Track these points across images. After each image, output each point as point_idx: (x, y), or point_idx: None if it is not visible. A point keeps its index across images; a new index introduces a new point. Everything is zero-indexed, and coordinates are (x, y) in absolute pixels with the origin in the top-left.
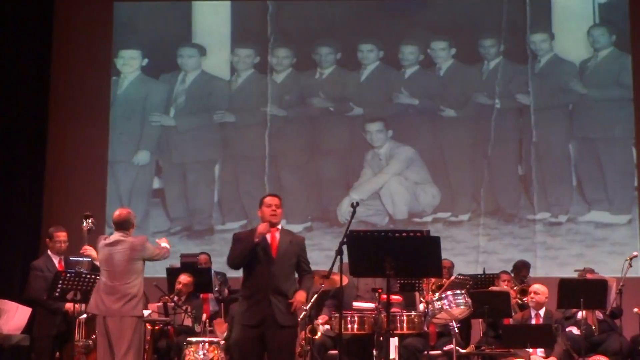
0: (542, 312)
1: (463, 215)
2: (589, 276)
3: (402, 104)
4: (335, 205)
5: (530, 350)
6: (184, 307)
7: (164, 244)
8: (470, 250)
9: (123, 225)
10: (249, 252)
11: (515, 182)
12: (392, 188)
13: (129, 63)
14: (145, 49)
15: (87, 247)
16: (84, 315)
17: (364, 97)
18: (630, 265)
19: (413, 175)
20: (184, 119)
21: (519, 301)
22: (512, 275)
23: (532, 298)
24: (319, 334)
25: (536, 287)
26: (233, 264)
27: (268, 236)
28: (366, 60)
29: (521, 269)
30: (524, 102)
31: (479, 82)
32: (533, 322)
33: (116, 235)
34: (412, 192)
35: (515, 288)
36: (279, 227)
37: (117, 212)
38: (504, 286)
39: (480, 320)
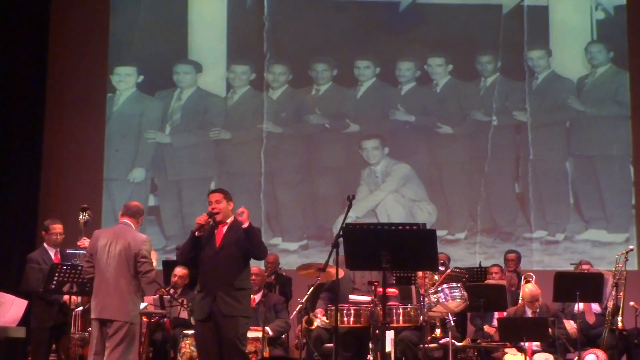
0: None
1: (459, 233)
2: (584, 267)
3: (399, 120)
4: (332, 223)
5: (527, 344)
6: (179, 300)
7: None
8: None
9: (131, 210)
10: (191, 244)
11: (511, 200)
12: (389, 205)
13: (125, 80)
14: (141, 66)
15: (84, 239)
16: (80, 308)
17: (360, 114)
18: (627, 259)
19: (409, 193)
20: (180, 135)
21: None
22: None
23: (536, 306)
24: (315, 323)
25: (532, 292)
26: (179, 257)
27: (216, 230)
28: (362, 76)
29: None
30: (521, 119)
31: (476, 98)
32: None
33: (119, 226)
34: (409, 210)
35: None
36: (228, 221)
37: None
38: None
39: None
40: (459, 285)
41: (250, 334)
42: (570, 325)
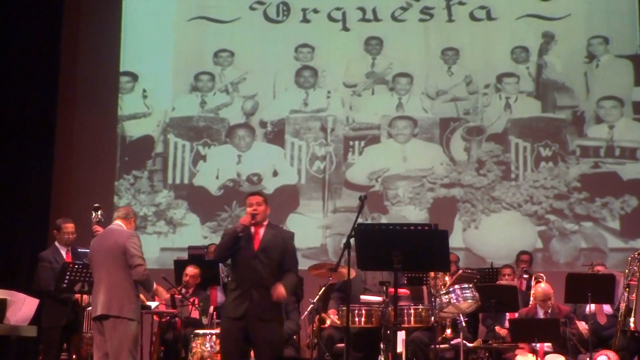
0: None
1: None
2: (598, 269)
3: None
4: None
5: (538, 345)
6: (191, 299)
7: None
8: None
9: (121, 212)
10: (232, 243)
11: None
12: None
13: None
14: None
15: (98, 227)
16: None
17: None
18: (639, 261)
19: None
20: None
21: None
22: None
23: (548, 305)
24: (328, 321)
25: (545, 290)
26: (217, 255)
27: (253, 231)
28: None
29: (519, 262)
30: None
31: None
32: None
33: (111, 225)
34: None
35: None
36: (265, 224)
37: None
38: (508, 280)
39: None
40: (470, 286)
41: None
42: (582, 326)
